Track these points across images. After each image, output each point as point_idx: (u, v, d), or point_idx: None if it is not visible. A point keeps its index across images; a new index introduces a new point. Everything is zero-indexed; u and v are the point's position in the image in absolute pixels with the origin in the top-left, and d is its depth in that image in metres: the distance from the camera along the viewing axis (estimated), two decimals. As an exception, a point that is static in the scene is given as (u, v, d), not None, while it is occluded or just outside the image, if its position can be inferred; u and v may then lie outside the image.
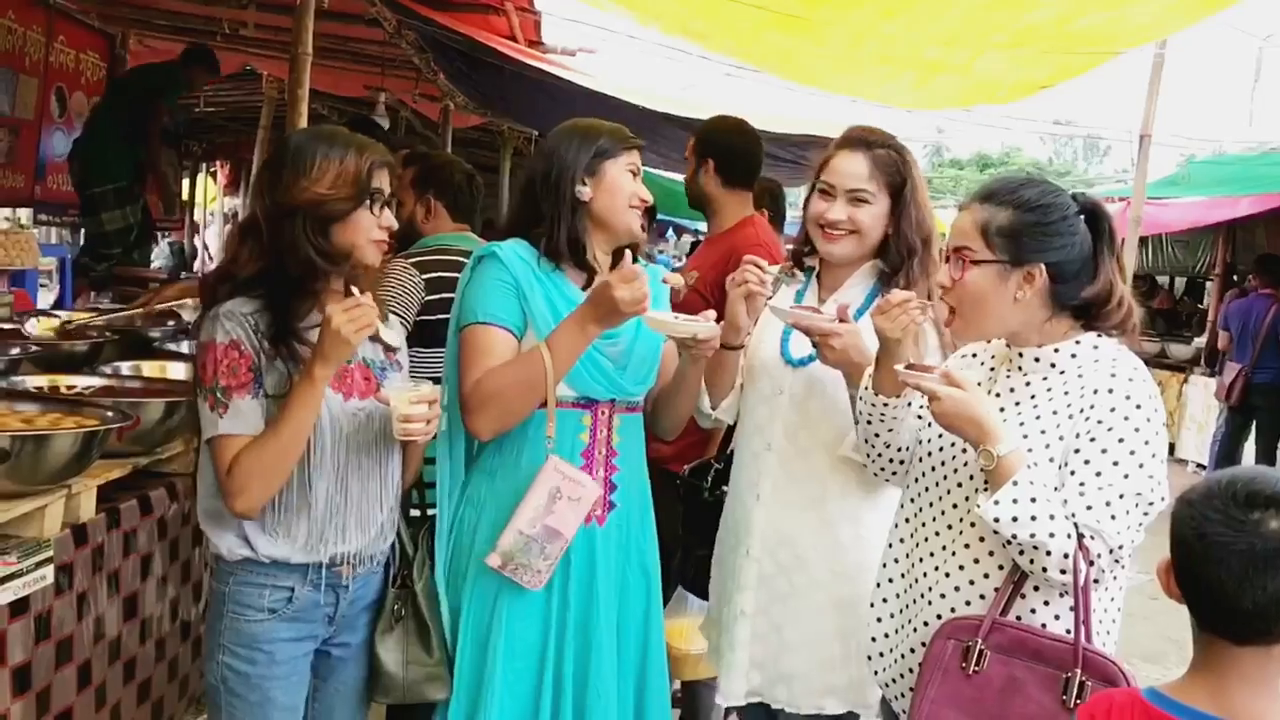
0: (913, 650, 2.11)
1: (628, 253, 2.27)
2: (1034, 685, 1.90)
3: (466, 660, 2.38)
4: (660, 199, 5.52)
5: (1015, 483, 1.88)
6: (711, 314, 2.36)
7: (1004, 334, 2.08)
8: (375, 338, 2.28)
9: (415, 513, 2.81)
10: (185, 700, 3.31)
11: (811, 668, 2.43)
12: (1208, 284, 13.39)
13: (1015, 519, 1.87)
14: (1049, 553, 1.87)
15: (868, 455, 2.28)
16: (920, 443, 2.20)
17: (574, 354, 2.28)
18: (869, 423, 2.23)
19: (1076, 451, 1.96)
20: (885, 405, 2.18)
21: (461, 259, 2.68)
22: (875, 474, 2.32)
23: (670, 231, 18.53)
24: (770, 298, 2.51)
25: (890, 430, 2.21)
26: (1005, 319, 2.04)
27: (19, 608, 2.37)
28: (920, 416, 2.19)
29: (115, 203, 5.70)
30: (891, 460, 2.26)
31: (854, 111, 6.99)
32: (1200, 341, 11.05)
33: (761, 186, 4.29)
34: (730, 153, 3.68)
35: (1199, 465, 9.78)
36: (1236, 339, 8.93)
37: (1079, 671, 1.87)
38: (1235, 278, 11.92)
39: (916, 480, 2.19)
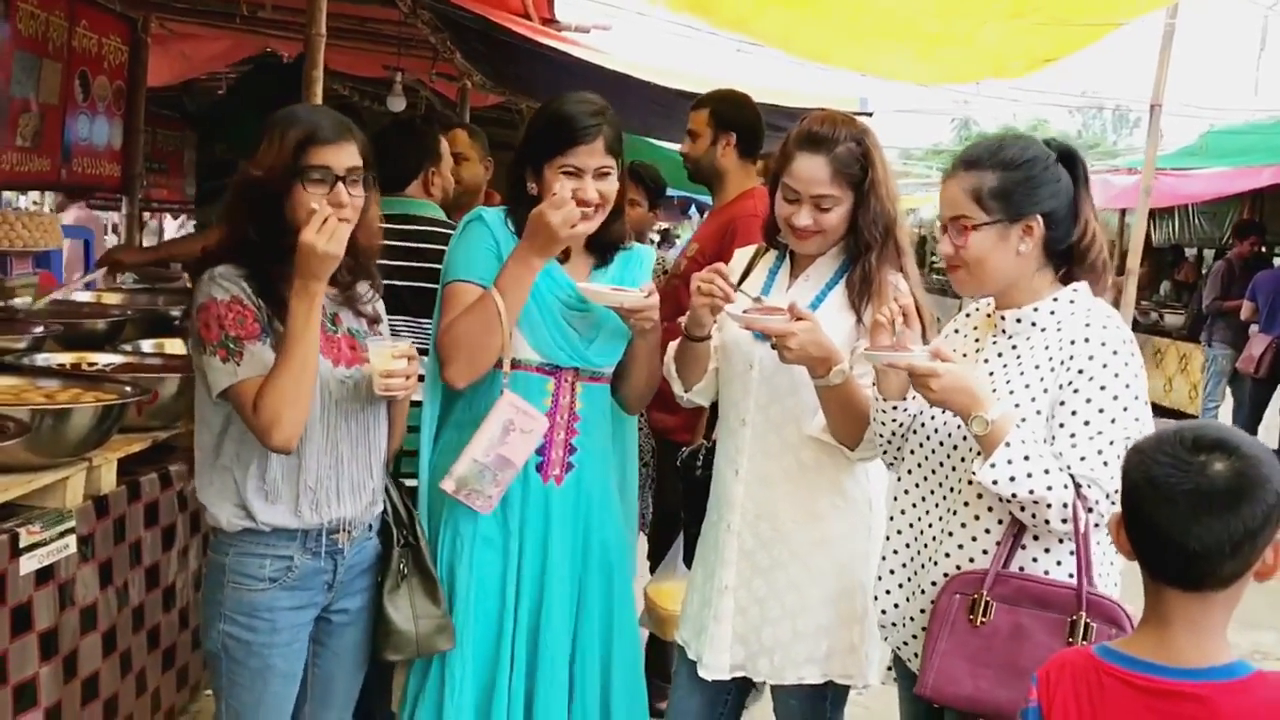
0: (923, 611, 2.17)
1: (556, 182, 2.36)
2: (1041, 631, 1.97)
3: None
4: (675, 174, 5.53)
5: (1008, 444, 1.96)
6: (648, 286, 2.42)
7: (1006, 287, 2.15)
8: (359, 311, 2.35)
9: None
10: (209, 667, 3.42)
11: (792, 639, 2.45)
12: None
13: (1013, 479, 1.95)
14: (1049, 505, 1.95)
15: (883, 451, 2.32)
16: (915, 416, 2.23)
17: (522, 287, 2.37)
18: (880, 435, 2.28)
19: (1062, 404, 2.03)
20: (895, 410, 2.23)
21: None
22: (889, 465, 2.36)
23: (693, 209, 18.07)
24: (740, 283, 2.52)
25: (904, 424, 2.25)
26: (1008, 272, 2.13)
27: (44, 576, 2.48)
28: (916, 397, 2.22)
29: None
30: (897, 449, 2.31)
31: (867, 85, 6.97)
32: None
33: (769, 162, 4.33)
34: (751, 128, 3.75)
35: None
36: (1268, 310, 8.89)
37: (1083, 614, 1.95)
38: (1264, 249, 11.80)
39: (913, 452, 2.25)
